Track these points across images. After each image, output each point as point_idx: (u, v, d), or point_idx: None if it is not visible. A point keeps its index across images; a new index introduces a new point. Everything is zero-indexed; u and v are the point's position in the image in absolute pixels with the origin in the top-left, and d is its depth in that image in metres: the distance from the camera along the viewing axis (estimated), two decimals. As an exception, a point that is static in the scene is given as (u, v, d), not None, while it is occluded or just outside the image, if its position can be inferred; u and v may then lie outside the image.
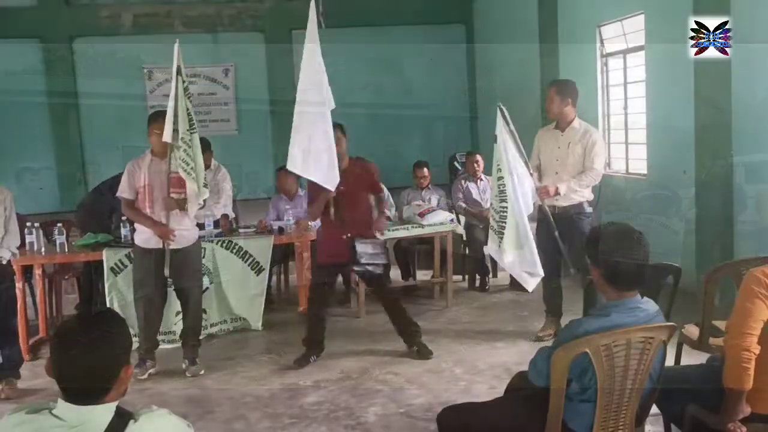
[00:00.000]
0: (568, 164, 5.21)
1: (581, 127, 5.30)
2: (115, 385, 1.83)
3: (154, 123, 4.90)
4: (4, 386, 4.83)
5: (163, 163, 4.89)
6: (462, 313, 6.34)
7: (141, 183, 4.91)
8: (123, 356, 1.88)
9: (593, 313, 2.64)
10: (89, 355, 1.79)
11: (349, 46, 11.00)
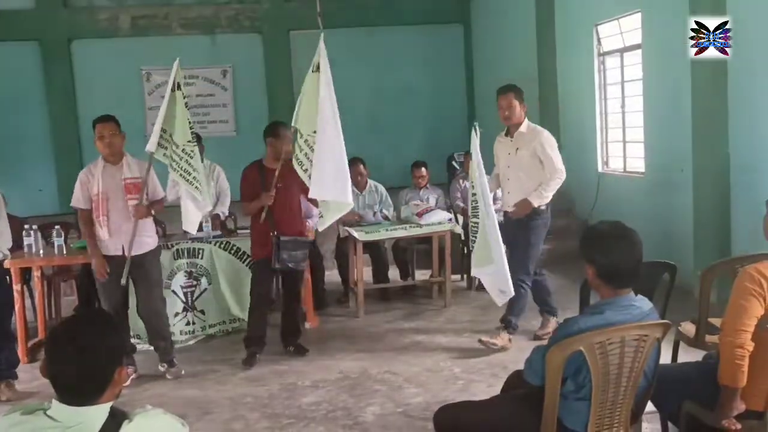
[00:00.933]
0: (519, 169, 5.18)
1: (528, 130, 5.26)
2: (110, 386, 1.84)
3: (97, 126, 4.83)
4: (3, 388, 4.83)
5: (116, 169, 4.84)
6: (460, 312, 6.35)
7: (95, 190, 4.80)
8: (117, 358, 1.88)
9: (587, 311, 2.64)
10: (83, 357, 1.80)
11: (348, 46, 11.03)
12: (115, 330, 1.93)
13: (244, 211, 5.36)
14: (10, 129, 10.31)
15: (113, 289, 4.87)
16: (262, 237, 5.15)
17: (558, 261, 7.84)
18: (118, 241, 4.83)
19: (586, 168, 8.26)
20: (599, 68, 7.97)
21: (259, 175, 5.16)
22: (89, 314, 2.11)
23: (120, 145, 4.85)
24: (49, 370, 1.82)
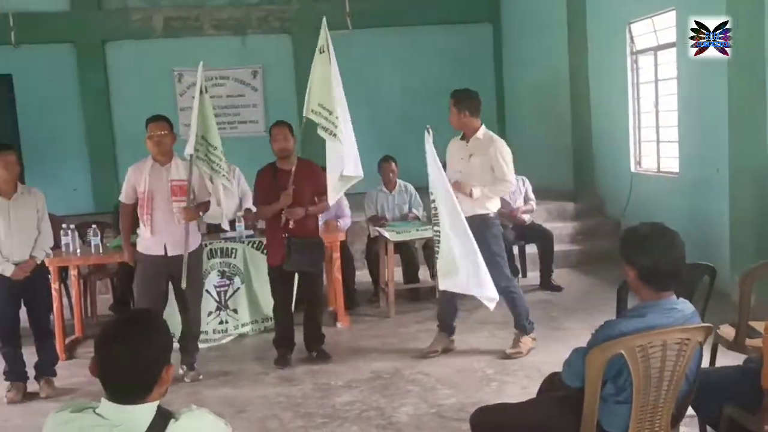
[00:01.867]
0: (470, 175, 5.06)
1: (485, 137, 5.15)
2: (157, 384, 1.87)
3: (149, 125, 4.87)
4: (42, 384, 4.94)
5: (164, 170, 4.88)
6: (493, 313, 6.21)
7: (141, 189, 4.85)
8: (164, 356, 1.91)
9: (628, 314, 2.62)
10: (133, 355, 1.83)
11: (377, 46, 11.06)
12: (164, 329, 1.96)
13: (260, 215, 5.36)
14: (46, 130, 10.49)
15: (152, 288, 4.92)
16: (277, 242, 5.12)
17: (589, 261, 7.81)
18: (160, 240, 4.88)
19: (618, 168, 8.18)
20: (632, 67, 7.88)
21: (273, 178, 5.15)
22: (139, 314, 2.14)
23: (169, 146, 4.89)
24: (100, 368, 1.85)
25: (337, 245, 6.15)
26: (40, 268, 4.98)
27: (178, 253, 4.87)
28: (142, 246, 4.96)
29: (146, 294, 4.93)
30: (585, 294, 6.72)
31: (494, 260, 5.00)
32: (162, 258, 4.87)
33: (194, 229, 5.07)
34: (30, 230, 4.86)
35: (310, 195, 5.15)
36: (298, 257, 5.04)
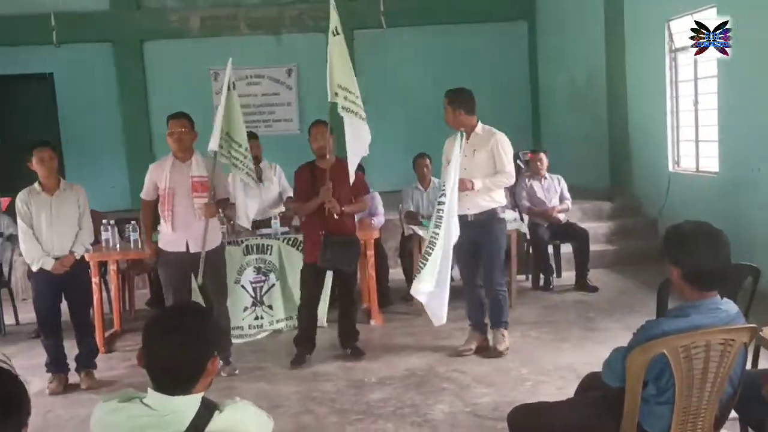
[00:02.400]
0: (475, 170, 5.04)
1: (484, 132, 5.16)
2: (203, 376, 1.90)
3: (170, 122, 4.91)
4: (83, 377, 5.04)
5: (185, 167, 4.91)
6: (526, 313, 6.28)
7: (163, 185, 4.89)
8: (211, 348, 1.94)
9: (671, 314, 2.58)
10: (181, 346, 1.86)
11: (411, 44, 11.05)
12: (212, 320, 1.99)
13: (299, 212, 5.37)
14: (85, 127, 10.72)
15: (177, 284, 4.97)
16: (314, 239, 5.14)
17: (625, 261, 7.72)
18: (182, 237, 4.91)
19: (655, 167, 8.07)
20: (671, 65, 7.76)
21: (311, 176, 5.17)
22: (187, 306, 2.18)
23: (190, 143, 4.93)
24: (147, 358, 1.88)
25: (371, 243, 6.16)
26: (80, 263, 5.08)
27: (200, 249, 4.91)
28: (164, 242, 4.99)
29: (172, 289, 4.99)
30: (621, 294, 6.64)
31: (498, 255, 5.15)
32: (184, 254, 4.91)
33: (215, 226, 5.09)
34: (71, 226, 4.96)
35: (348, 193, 5.16)
36: (334, 255, 5.03)
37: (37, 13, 9.90)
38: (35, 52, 10.37)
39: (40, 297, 4.99)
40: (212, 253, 4.99)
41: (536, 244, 7.03)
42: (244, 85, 11.06)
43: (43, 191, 4.89)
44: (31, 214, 4.85)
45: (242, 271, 5.99)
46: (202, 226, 4.88)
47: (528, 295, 6.85)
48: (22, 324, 6.68)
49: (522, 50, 11.52)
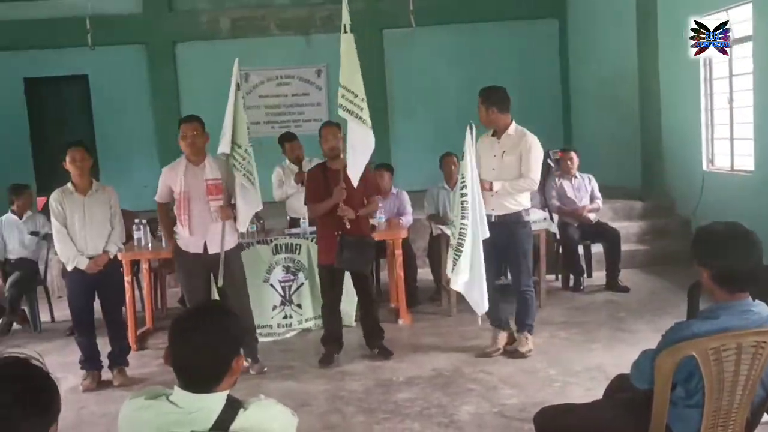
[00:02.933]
0: (503, 172, 4.98)
1: (516, 133, 5.07)
2: (227, 374, 1.92)
3: (183, 126, 4.94)
4: (116, 374, 5.12)
5: (198, 170, 4.94)
6: (556, 313, 6.23)
7: (177, 189, 4.93)
8: (235, 347, 1.96)
9: (701, 316, 2.54)
10: (205, 345, 1.89)
11: (440, 43, 11.03)
12: (236, 320, 2.01)
13: (313, 213, 5.38)
14: (118, 127, 10.91)
15: (196, 284, 5.02)
16: (328, 241, 5.13)
17: (658, 262, 7.62)
18: (200, 239, 4.96)
19: (689, 166, 7.94)
20: (705, 62, 7.63)
21: (323, 177, 5.17)
22: (211, 306, 2.21)
23: (202, 145, 4.96)
24: (173, 357, 1.91)
25: (399, 242, 6.17)
26: (113, 262, 5.16)
27: (218, 250, 4.94)
28: (182, 243, 5.04)
29: (192, 289, 5.05)
30: (652, 295, 6.55)
31: (525, 257, 5.10)
32: (202, 255, 4.95)
33: (231, 228, 5.09)
34: (103, 225, 5.04)
35: (360, 194, 5.14)
36: (351, 255, 5.02)
37: (73, 16, 10.10)
38: (71, 54, 10.58)
39: (74, 296, 5.09)
40: (229, 253, 5.04)
41: (566, 244, 6.97)
42: (274, 85, 11.18)
43: (76, 191, 4.98)
44: (65, 214, 4.94)
45: (271, 270, 6.04)
46: (219, 228, 4.93)
47: (558, 296, 6.79)
48: (57, 321, 6.82)
49: (553, 48, 11.42)
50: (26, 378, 1.31)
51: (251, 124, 11.72)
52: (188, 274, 5.05)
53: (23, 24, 10.45)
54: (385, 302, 6.60)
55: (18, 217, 6.79)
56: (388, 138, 11.18)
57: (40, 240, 6.76)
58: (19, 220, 6.78)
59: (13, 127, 10.69)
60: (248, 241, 5.92)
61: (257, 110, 10.95)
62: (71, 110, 11.08)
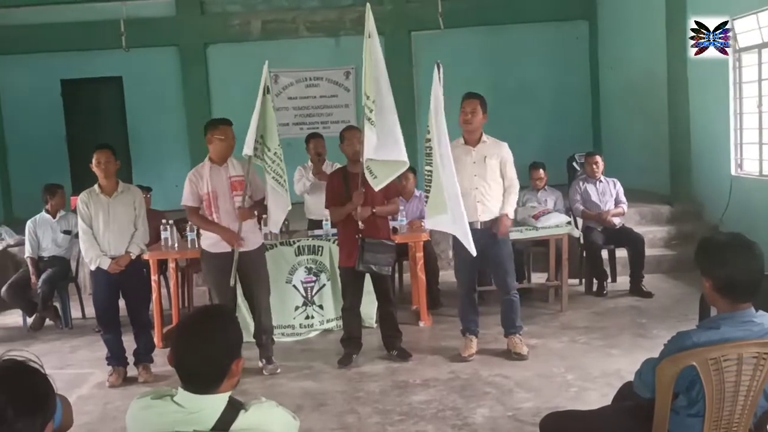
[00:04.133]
0: (488, 176, 5.10)
1: (490, 140, 5.24)
2: (228, 376, 1.99)
3: (214, 130, 5.03)
4: (141, 370, 5.27)
5: (222, 169, 5.05)
6: (577, 317, 6.22)
7: (205, 190, 5.03)
8: (234, 350, 2.03)
9: (703, 325, 2.55)
10: (204, 348, 1.97)
11: (469, 45, 11.03)
12: (235, 324, 2.09)
13: (334, 217, 5.43)
14: (151, 128, 11.14)
15: (222, 284, 5.10)
16: (349, 244, 5.20)
17: (683, 268, 7.52)
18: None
19: (717, 171, 7.84)
20: (734, 65, 7.53)
21: (343, 182, 5.22)
22: (212, 309, 2.29)
23: (232, 149, 5.07)
24: (175, 359, 1.99)
25: (420, 245, 6.21)
26: (136, 262, 5.29)
27: (242, 250, 5.04)
28: (208, 244, 5.14)
29: (219, 288, 5.14)
30: (676, 302, 6.48)
31: (509, 261, 5.25)
32: (228, 254, 5.05)
33: (255, 228, 5.22)
34: (127, 227, 5.19)
35: (381, 197, 5.19)
36: (371, 257, 5.08)
37: (109, 19, 10.35)
38: (106, 56, 10.81)
39: (98, 294, 5.25)
40: (253, 253, 5.14)
41: (589, 248, 6.94)
42: (303, 87, 11.30)
43: (102, 193, 5.13)
44: (91, 215, 5.10)
45: (294, 271, 6.13)
46: (244, 227, 5.02)
47: (580, 300, 6.77)
48: (88, 318, 7.01)
49: (582, 51, 11.35)
50: (22, 380, 1.39)
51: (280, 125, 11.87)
52: (216, 274, 5.15)
53: (61, 27, 10.74)
54: (407, 304, 6.66)
55: (51, 216, 7.00)
56: (415, 140, 11.20)
57: (72, 238, 6.95)
58: (52, 219, 6.99)
59: (50, 128, 10.98)
60: (272, 242, 6.03)
61: (286, 112, 11.08)
62: (106, 111, 11.34)
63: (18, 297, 6.81)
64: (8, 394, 1.32)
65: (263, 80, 5.17)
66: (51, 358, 5.84)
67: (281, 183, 5.06)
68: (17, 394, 1.34)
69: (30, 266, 6.84)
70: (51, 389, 1.42)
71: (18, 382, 1.36)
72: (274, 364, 5.26)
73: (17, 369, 1.40)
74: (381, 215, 5.24)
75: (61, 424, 2.23)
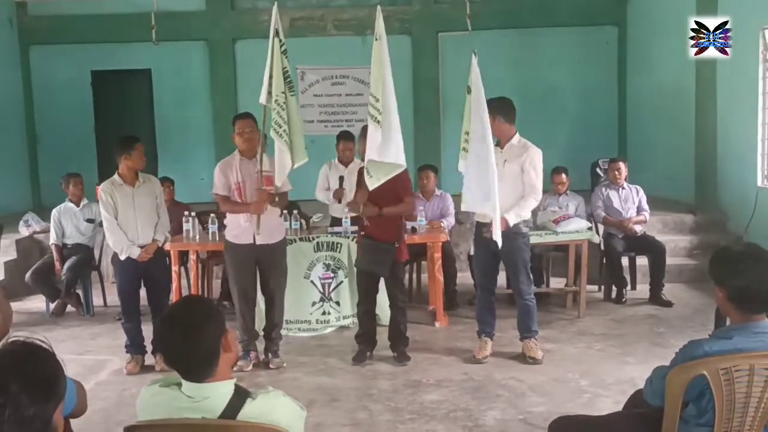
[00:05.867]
0: (506, 182, 5.01)
1: (520, 143, 5.21)
2: (220, 355, 2.02)
3: (235, 124, 5.09)
4: (158, 359, 5.33)
5: (251, 163, 5.09)
6: (594, 324, 6.18)
7: (235, 180, 5.09)
8: (219, 327, 2.05)
9: (715, 335, 2.53)
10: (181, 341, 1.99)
11: (496, 47, 10.98)
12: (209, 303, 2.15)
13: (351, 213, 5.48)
14: (178, 122, 11.25)
15: (243, 275, 5.18)
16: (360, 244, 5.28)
17: (705, 279, 7.26)
18: (250, 229, 5.10)
19: (743, 181, 7.73)
20: (764, 75, 7.42)
21: (360, 179, 5.21)
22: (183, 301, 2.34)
23: (257, 141, 5.09)
24: (167, 357, 2.04)
25: (439, 246, 6.22)
26: (160, 251, 5.39)
27: (265, 242, 5.10)
28: (232, 235, 5.20)
29: (240, 280, 5.20)
30: (696, 312, 6.42)
31: (524, 265, 5.20)
32: (250, 246, 5.11)
33: (278, 222, 5.28)
34: (151, 215, 5.29)
35: (393, 194, 5.15)
36: (367, 257, 5.13)
37: (139, 12, 10.46)
38: (136, 49, 10.93)
39: (123, 282, 5.33)
40: (275, 246, 5.20)
41: (610, 255, 6.89)
42: (329, 84, 11.34)
43: (125, 183, 5.22)
44: (115, 205, 5.18)
45: (312, 267, 6.18)
46: (268, 219, 5.06)
47: (598, 307, 6.73)
48: (109, 306, 7.12)
49: (611, 56, 11.24)
50: (32, 364, 1.41)
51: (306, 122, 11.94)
52: (238, 265, 5.20)
53: (92, 19, 10.89)
54: (424, 304, 6.67)
55: (75, 205, 7.11)
56: (439, 140, 11.22)
57: (95, 227, 7.07)
58: (76, 207, 7.10)
59: (80, 118, 11.14)
60: (292, 238, 6.08)
61: (311, 108, 11.14)
62: (134, 103, 11.46)
63: (42, 283, 6.93)
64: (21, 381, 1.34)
65: (273, 23, 5.09)
66: (71, 343, 5.95)
67: (280, 134, 4.91)
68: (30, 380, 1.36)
69: (54, 253, 6.97)
70: (61, 370, 1.45)
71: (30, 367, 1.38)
72: (280, 358, 5.32)
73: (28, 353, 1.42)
74: (389, 215, 5.17)
75: (74, 408, 2.28)
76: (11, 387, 1.34)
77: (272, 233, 5.17)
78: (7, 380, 1.34)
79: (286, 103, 4.96)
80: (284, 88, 4.98)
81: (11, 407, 1.33)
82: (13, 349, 1.43)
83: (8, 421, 1.33)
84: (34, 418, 1.37)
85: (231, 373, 2.07)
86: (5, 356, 1.40)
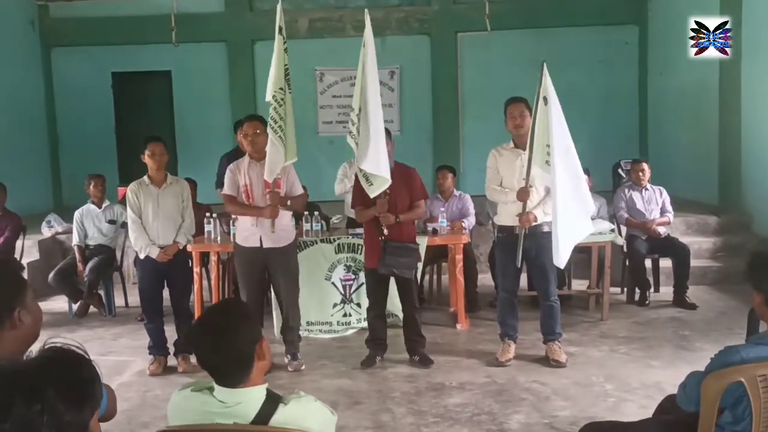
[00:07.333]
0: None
1: None
2: (254, 363, 2.00)
3: (241, 127, 5.08)
4: (180, 360, 5.35)
5: (260, 166, 5.07)
6: (617, 327, 6.11)
7: (243, 182, 5.09)
8: (254, 334, 2.04)
9: (752, 341, 2.48)
10: (215, 348, 1.98)
11: (515, 48, 10.93)
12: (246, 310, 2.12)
13: (359, 218, 5.43)
14: (198, 123, 11.29)
15: (252, 278, 5.19)
16: (373, 246, 5.20)
17: (731, 280, 7.33)
18: (257, 232, 5.10)
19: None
20: (790, 75, 7.33)
21: None
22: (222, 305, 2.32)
23: (263, 144, 5.04)
24: (202, 360, 2.02)
25: (460, 247, 6.18)
26: (182, 252, 5.39)
27: (272, 246, 5.09)
28: (241, 237, 5.21)
29: (248, 282, 5.21)
30: (721, 315, 6.34)
31: (552, 267, 5.16)
32: (258, 249, 5.11)
33: (288, 225, 5.26)
34: (175, 217, 5.30)
35: (407, 198, 5.17)
36: (392, 260, 5.06)
37: (159, 14, 10.54)
38: (156, 51, 11.01)
39: (144, 283, 5.35)
40: (285, 249, 5.19)
41: (633, 257, 6.82)
42: (347, 85, 11.31)
43: (152, 184, 5.24)
44: (140, 205, 5.21)
45: (333, 269, 6.16)
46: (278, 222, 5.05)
47: (621, 309, 6.66)
48: (131, 307, 7.15)
49: (632, 56, 11.15)
50: (69, 371, 1.40)
51: (324, 123, 11.94)
52: (246, 268, 5.22)
53: (113, 21, 10.97)
54: (445, 306, 6.63)
55: (97, 206, 7.15)
56: (457, 140, 11.19)
57: (117, 228, 7.10)
58: (98, 209, 7.14)
59: (101, 119, 11.22)
60: (313, 239, 6.07)
61: (330, 110, 11.15)
62: (154, 104, 11.53)
63: (64, 283, 6.98)
64: (57, 389, 1.33)
65: (278, 20, 5.14)
66: (94, 344, 5.97)
67: (275, 129, 4.87)
68: (66, 387, 1.35)
69: (77, 254, 7.02)
70: (97, 376, 1.43)
71: (65, 374, 1.37)
72: (298, 360, 5.29)
73: (63, 359, 1.41)
74: (405, 221, 5.18)
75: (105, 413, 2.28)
76: (48, 394, 1.33)
77: (281, 237, 5.15)
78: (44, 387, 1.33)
79: (284, 99, 4.94)
80: (283, 85, 4.97)
81: (48, 414, 1.32)
82: (49, 355, 1.42)
83: (46, 427, 1.32)
84: (71, 425, 1.36)
85: (263, 380, 2.06)
86: (42, 363, 1.39)
